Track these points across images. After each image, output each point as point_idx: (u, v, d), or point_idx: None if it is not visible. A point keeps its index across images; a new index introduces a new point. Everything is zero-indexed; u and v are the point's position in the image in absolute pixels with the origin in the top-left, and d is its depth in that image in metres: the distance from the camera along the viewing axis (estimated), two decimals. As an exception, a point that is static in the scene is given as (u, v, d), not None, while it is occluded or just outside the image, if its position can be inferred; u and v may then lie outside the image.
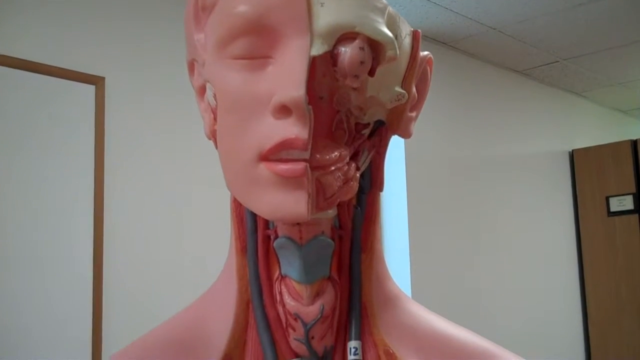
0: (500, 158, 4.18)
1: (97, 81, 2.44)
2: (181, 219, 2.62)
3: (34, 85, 2.29)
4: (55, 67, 2.34)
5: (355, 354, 0.65)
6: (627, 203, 4.46)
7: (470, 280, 3.79)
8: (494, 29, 3.64)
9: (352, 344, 0.65)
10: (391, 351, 0.65)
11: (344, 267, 0.66)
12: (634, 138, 4.56)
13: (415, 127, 0.70)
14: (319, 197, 0.58)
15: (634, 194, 4.43)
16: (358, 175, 0.62)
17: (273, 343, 0.65)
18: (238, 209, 0.67)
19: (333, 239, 0.64)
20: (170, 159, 2.61)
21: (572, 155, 4.77)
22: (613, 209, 4.51)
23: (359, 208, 0.67)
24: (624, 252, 4.46)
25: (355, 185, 0.61)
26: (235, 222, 0.67)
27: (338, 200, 0.60)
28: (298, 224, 0.62)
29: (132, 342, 0.68)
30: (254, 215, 0.65)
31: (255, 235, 0.66)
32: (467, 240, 3.83)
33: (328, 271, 0.64)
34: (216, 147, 0.64)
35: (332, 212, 0.63)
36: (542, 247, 4.39)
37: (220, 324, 0.66)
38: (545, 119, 4.63)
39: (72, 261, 2.34)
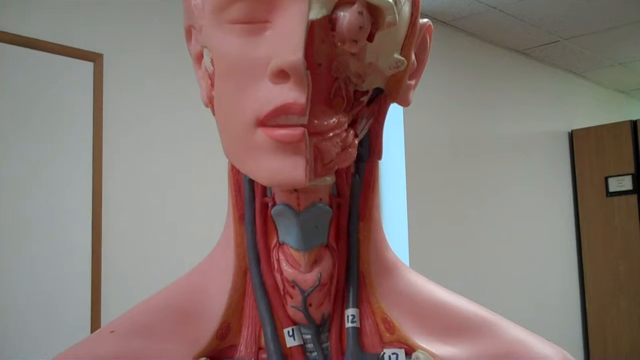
0: (500, 137, 4.17)
1: (95, 58, 2.43)
2: (180, 196, 2.62)
3: (32, 61, 2.29)
4: (54, 43, 2.33)
5: (352, 322, 0.65)
6: (626, 183, 4.46)
7: (467, 261, 3.80)
8: (494, 7, 3.63)
9: (350, 311, 0.65)
10: (389, 319, 0.65)
11: (342, 235, 0.66)
12: (634, 118, 4.56)
13: (414, 106, 0.69)
14: (317, 163, 0.57)
15: (633, 175, 4.44)
16: (356, 142, 0.61)
17: (271, 310, 0.65)
18: (236, 176, 0.66)
19: (331, 207, 0.64)
20: (168, 135, 2.61)
21: (572, 136, 4.77)
22: (612, 189, 4.52)
23: (357, 176, 0.66)
24: (623, 232, 4.47)
25: (353, 152, 0.61)
26: (233, 189, 0.67)
27: (336, 166, 0.59)
28: (296, 190, 0.61)
29: (131, 308, 0.68)
30: (251, 183, 0.65)
31: (252, 203, 0.65)
32: (465, 221, 3.84)
33: (326, 239, 0.64)
34: (213, 114, 0.64)
35: (330, 180, 0.62)
36: (540, 227, 4.40)
37: (218, 292, 0.66)
38: (545, 99, 4.62)
39: (71, 237, 2.34)
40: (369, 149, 0.67)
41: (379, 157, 0.68)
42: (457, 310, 0.68)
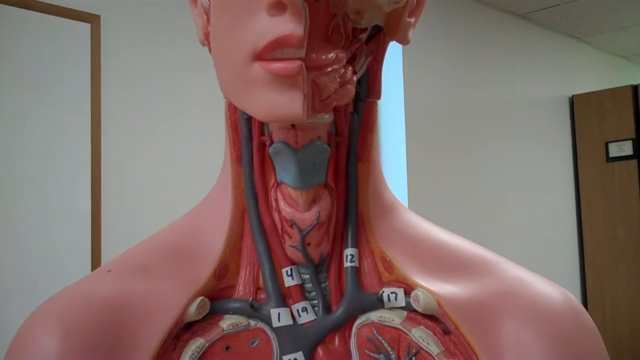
0: (500, 102, 4.16)
1: (92, 19, 2.41)
2: (178, 157, 2.61)
3: (27, 22, 2.27)
4: (50, 4, 2.31)
5: (351, 261, 0.64)
6: (627, 148, 4.46)
7: (466, 227, 3.80)
8: (495, -31, 3.59)
9: (349, 251, 0.65)
10: (388, 258, 0.65)
11: (341, 174, 0.65)
12: (635, 83, 4.54)
13: (413, 69, 0.68)
14: (315, 98, 0.56)
15: (633, 140, 4.43)
16: (355, 79, 0.60)
17: (269, 250, 0.64)
18: (233, 116, 0.66)
19: (329, 146, 0.63)
20: (167, 97, 2.59)
21: (572, 101, 4.75)
22: (612, 154, 4.52)
23: (356, 115, 0.65)
24: (622, 198, 4.47)
25: (352, 89, 0.59)
26: (230, 129, 0.66)
27: (334, 103, 0.58)
28: (294, 127, 0.61)
29: (129, 249, 0.67)
30: (248, 122, 0.64)
31: (250, 143, 0.65)
32: (464, 186, 3.83)
33: (324, 178, 0.63)
34: (210, 51, 0.63)
35: (328, 117, 0.62)
36: (540, 193, 4.40)
37: (216, 233, 0.66)
38: (546, 64, 4.60)
39: (71, 199, 2.34)
40: (368, 89, 0.66)
41: (378, 97, 0.67)
42: (457, 250, 0.68)
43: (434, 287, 0.63)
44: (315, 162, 0.62)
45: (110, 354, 0.58)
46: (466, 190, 3.85)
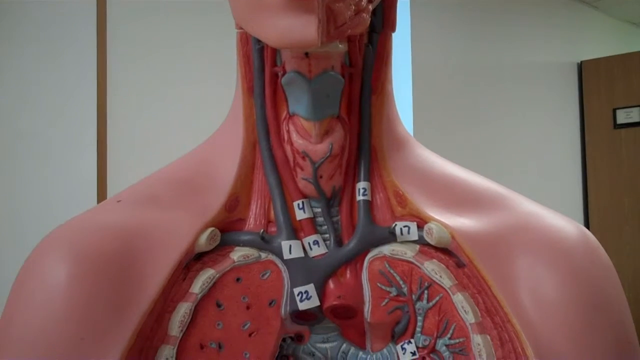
0: (507, 67, 4.13)
1: (98, -24, 2.39)
2: (186, 114, 2.59)
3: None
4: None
5: (364, 195, 0.64)
6: (634, 115, 4.43)
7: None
8: None
9: (361, 184, 0.64)
10: (401, 192, 0.64)
11: (354, 107, 0.64)
12: (644, 49, 4.50)
13: (422, 34, 0.67)
14: (330, 24, 0.55)
15: (641, 107, 4.40)
16: (370, 8, 0.59)
17: (280, 183, 0.64)
18: (245, 47, 0.65)
19: (343, 77, 0.62)
20: (174, 53, 2.57)
21: (581, 66, 4.71)
22: (620, 121, 4.49)
23: (370, 47, 0.64)
24: (629, 165, 4.45)
25: (367, 18, 0.58)
26: (242, 61, 0.65)
27: (349, 30, 0.57)
28: (307, 57, 0.60)
29: (138, 181, 0.66)
30: (261, 53, 0.63)
31: (262, 74, 0.64)
32: (469, 151, 3.82)
33: (337, 110, 0.62)
34: (222, -21, 0.62)
35: (342, 47, 0.61)
36: (547, 158, 4.38)
37: (227, 165, 0.65)
38: (555, 29, 4.55)
39: (76, 159, 2.33)
40: (383, 20, 0.65)
41: (393, 30, 0.66)
42: (470, 185, 0.67)
43: (448, 220, 0.62)
44: (329, 92, 0.61)
45: (120, 281, 0.58)
46: (470, 155, 3.83)
